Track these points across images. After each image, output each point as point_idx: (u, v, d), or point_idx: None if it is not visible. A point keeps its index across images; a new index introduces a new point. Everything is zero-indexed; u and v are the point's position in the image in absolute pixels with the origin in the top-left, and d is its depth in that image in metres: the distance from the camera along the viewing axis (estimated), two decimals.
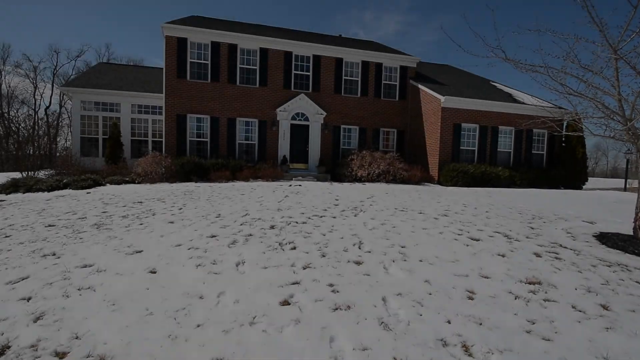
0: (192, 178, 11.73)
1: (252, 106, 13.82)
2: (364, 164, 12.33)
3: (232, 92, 13.63)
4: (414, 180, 11.96)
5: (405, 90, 15.52)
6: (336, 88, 14.71)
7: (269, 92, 13.98)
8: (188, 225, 5.11)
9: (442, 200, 7.81)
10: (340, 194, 8.23)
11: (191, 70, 13.34)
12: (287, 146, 14.11)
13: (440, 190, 10.12)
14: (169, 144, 13.14)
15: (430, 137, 13.66)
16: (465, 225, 5.23)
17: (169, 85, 13.09)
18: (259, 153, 13.89)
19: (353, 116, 14.91)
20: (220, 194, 8.13)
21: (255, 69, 13.91)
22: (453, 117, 13.17)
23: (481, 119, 13.58)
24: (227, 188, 9.42)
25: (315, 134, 14.36)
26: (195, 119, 13.44)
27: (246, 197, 7.66)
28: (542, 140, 14.74)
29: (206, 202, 6.99)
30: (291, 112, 14.10)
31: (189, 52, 13.26)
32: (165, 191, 9.10)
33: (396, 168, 12.03)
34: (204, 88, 13.38)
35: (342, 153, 14.76)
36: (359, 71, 15.00)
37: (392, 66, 15.39)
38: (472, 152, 13.61)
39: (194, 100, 13.30)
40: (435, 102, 13.39)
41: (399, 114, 15.49)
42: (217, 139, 13.50)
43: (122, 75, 16.73)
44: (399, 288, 3.00)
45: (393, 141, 15.62)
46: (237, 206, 6.51)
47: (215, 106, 13.48)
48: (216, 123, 13.49)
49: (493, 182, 12.56)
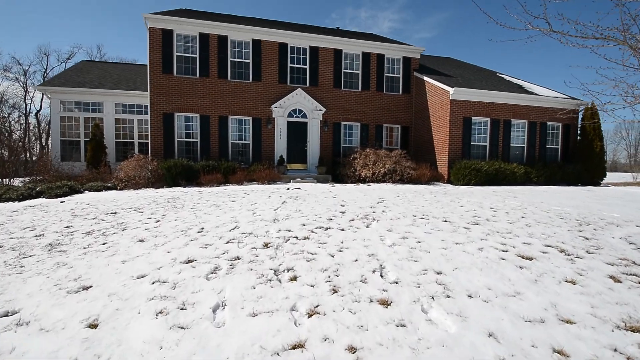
0: (180, 182, 10.69)
1: (246, 103, 12.78)
2: (368, 163, 11.33)
3: (223, 88, 12.58)
4: (423, 180, 10.97)
5: (409, 83, 14.53)
6: (335, 82, 13.69)
7: (263, 87, 12.95)
8: (161, 245, 4.08)
9: (464, 203, 6.81)
10: (346, 198, 7.22)
11: (178, 65, 12.28)
12: (283, 145, 13.08)
13: (455, 191, 9.13)
14: (155, 146, 12.08)
15: (438, 133, 12.68)
16: (506, 237, 4.23)
17: (154, 82, 12.02)
18: (253, 153, 12.85)
19: (354, 112, 13.90)
20: (209, 201, 7.10)
21: (248, 63, 12.87)
22: (463, 110, 12.20)
23: (492, 112, 12.61)
24: (218, 193, 8.39)
25: (314, 132, 13.34)
26: (183, 118, 12.38)
27: (237, 204, 6.64)
28: (557, 134, 13.79)
29: (190, 213, 5.96)
30: (287, 108, 13.07)
31: (175, 45, 12.19)
32: (147, 198, 8.07)
33: (403, 167, 11.04)
34: (192, 84, 12.32)
35: (343, 152, 13.76)
36: (360, 63, 13.99)
37: (394, 57, 14.39)
38: (484, 148, 12.64)
39: (182, 98, 12.24)
40: (443, 94, 12.40)
41: (403, 109, 14.50)
42: (208, 139, 12.45)
43: (106, 73, 15.63)
44: (454, 352, 1.99)
45: (397, 138, 14.63)
46: (226, 216, 5.49)
47: (205, 103, 12.43)
48: (206, 122, 12.44)
49: (508, 180, 11.59)
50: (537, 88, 15.47)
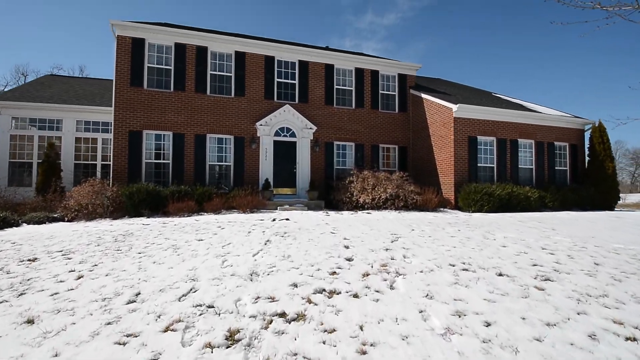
0: (143, 212, 8.89)
1: (227, 120, 11.33)
2: (366, 187, 9.89)
3: (201, 103, 11.13)
4: (430, 207, 9.56)
5: (405, 101, 13.51)
6: (327, 99, 12.50)
7: (247, 103, 11.58)
8: (51, 336, 2.38)
9: (500, 239, 5.35)
10: (348, 234, 5.65)
11: (149, 77, 10.81)
12: (270, 167, 11.56)
13: (475, 221, 7.72)
14: (118, 168, 10.33)
15: (441, 153, 11.48)
16: (610, 307, 2.74)
17: (119, 95, 10.46)
18: (235, 177, 11.24)
19: (348, 130, 12.64)
20: (168, 240, 5.39)
21: (230, 77, 11.55)
22: (467, 128, 11.11)
23: (498, 131, 11.59)
24: (185, 227, 6.67)
25: (304, 152, 11.92)
26: (153, 136, 10.75)
27: (205, 245, 4.96)
28: (564, 154, 12.87)
29: (133, 261, 4.25)
30: (274, 126, 11.68)
31: (147, 56, 10.79)
32: (92, 235, 6.27)
33: (407, 191, 9.64)
34: (165, 98, 10.82)
35: (337, 174, 12.33)
36: (353, 80, 12.92)
37: (389, 74, 13.43)
38: (491, 170, 11.48)
39: (153, 113, 10.68)
40: (445, 112, 11.34)
41: (399, 128, 13.36)
42: (182, 160, 10.80)
43: (70, 88, 13.98)
44: None
45: (394, 159, 13.37)
46: (182, 268, 3.82)
47: (179, 120, 10.89)
48: (180, 141, 10.84)
49: (523, 205, 10.34)
50: (538, 107, 14.76)
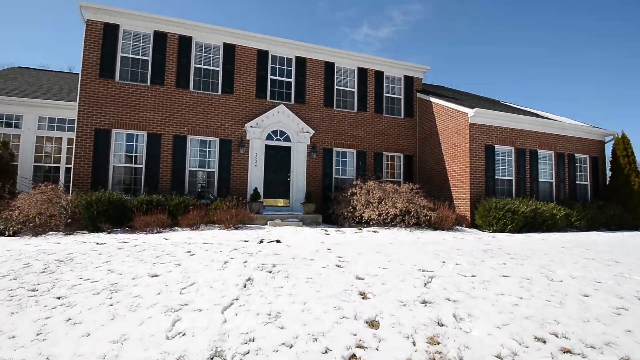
0: (103, 226, 7.31)
1: (212, 120, 9.89)
2: (371, 200, 8.50)
3: (182, 99, 9.70)
4: (446, 225, 8.20)
5: (412, 106, 12.29)
6: (327, 100, 11.19)
7: (236, 101, 10.19)
8: None
9: (566, 279, 3.98)
10: (361, 270, 4.21)
11: (122, 69, 9.36)
12: (260, 175, 10.11)
13: (508, 245, 6.33)
14: (81, 172, 8.76)
15: (454, 163, 10.21)
16: None
17: (86, 88, 8.98)
18: (219, 185, 9.75)
19: (349, 136, 11.32)
20: (111, 274, 3.87)
21: (217, 71, 10.17)
22: (484, 136, 9.88)
23: (517, 140, 10.39)
24: (144, 252, 5.15)
25: (300, 159, 10.52)
26: (124, 137, 9.23)
27: (157, 285, 3.46)
28: (585, 167, 11.75)
29: (36, 317, 2.75)
30: (266, 128, 10.28)
31: (121, 44, 9.36)
32: (22, 259, 4.70)
33: (419, 206, 8.27)
34: (140, 93, 9.36)
35: (336, 185, 10.95)
36: (355, 80, 11.67)
37: (394, 76, 12.24)
38: (509, 183, 10.23)
39: (125, 110, 9.19)
40: (460, 117, 10.11)
41: (405, 135, 12.10)
42: (157, 164, 9.29)
43: (36, 81, 12.41)
44: None
45: (399, 168, 12.06)
46: (101, 339, 2.33)
47: (156, 118, 9.42)
48: (156, 142, 9.35)
49: (548, 225, 9.06)
50: (553, 116, 13.73)
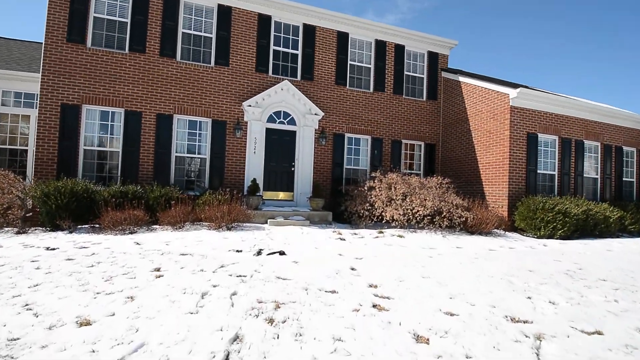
0: (63, 224, 5.86)
1: (203, 96, 8.34)
2: (394, 197, 7.02)
3: (167, 71, 8.12)
4: (485, 228, 6.74)
5: (435, 86, 10.68)
6: (338, 77, 9.59)
7: (232, 75, 8.60)
8: None
9: None
10: (414, 319, 2.77)
11: (96, 32, 7.75)
12: (259, 164, 8.61)
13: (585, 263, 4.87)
14: (44, 157, 7.29)
15: (488, 154, 8.70)
16: None
17: (50, 55, 7.40)
18: (211, 175, 8.28)
19: (363, 120, 9.77)
20: (24, 313, 2.43)
21: (210, 38, 8.55)
22: (527, 123, 8.33)
23: (562, 128, 8.85)
24: (97, 266, 3.70)
25: (306, 146, 9.01)
26: (97, 114, 7.70)
27: (84, 342, 2.02)
28: (632, 162, 10.24)
29: None
30: (268, 109, 8.73)
31: (94, 2, 7.72)
32: None
33: (451, 205, 6.80)
34: (117, 62, 7.78)
35: (347, 177, 9.47)
36: (372, 55, 10.04)
37: (417, 51, 10.58)
38: (551, 179, 8.74)
39: (98, 82, 7.63)
40: (498, 100, 8.54)
41: (427, 120, 10.54)
42: (137, 149, 7.78)
43: (5, 51, 10.77)
44: None
45: (419, 159, 10.55)
46: None
47: (136, 93, 7.86)
48: (136, 122, 7.82)
49: (601, 230, 7.62)
50: (591, 102, 12.12)
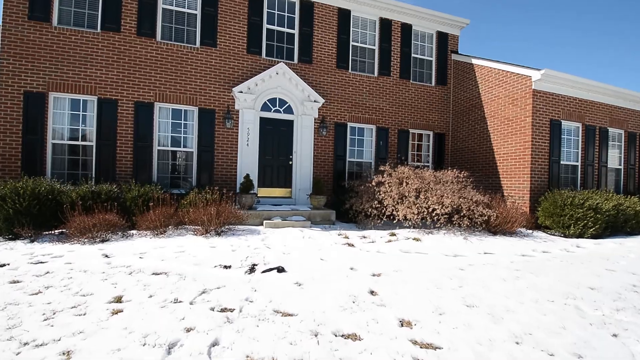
0: (24, 231, 4.99)
1: (188, 82, 7.39)
2: (406, 193, 6.21)
3: (146, 53, 7.14)
4: (509, 228, 5.97)
5: (445, 70, 9.79)
6: (340, 59, 8.66)
7: (221, 57, 7.65)
8: None
9: None
10: None
11: (62, 8, 6.73)
12: (253, 158, 7.74)
13: None
14: (5, 153, 6.35)
15: (506, 144, 7.90)
16: None
17: (10, 35, 6.39)
18: (199, 170, 7.40)
19: (367, 108, 8.89)
20: None
21: (195, 15, 7.55)
22: (550, 109, 7.52)
23: (586, 115, 8.05)
24: (48, 290, 2.86)
25: (305, 137, 8.14)
26: (67, 103, 6.75)
27: None
28: None
29: None
30: (261, 95, 7.81)
31: None
32: None
33: (471, 202, 6.01)
34: (88, 43, 6.78)
35: (350, 170, 8.64)
36: (376, 35, 9.10)
37: (425, 31, 9.65)
38: (573, 170, 7.99)
39: (66, 66, 6.65)
40: (518, 83, 7.70)
41: (436, 108, 9.69)
42: (113, 142, 6.86)
43: None
44: None
45: (427, 150, 9.74)
46: None
47: (111, 78, 6.89)
48: (111, 111, 6.88)
49: (631, 225, 6.91)
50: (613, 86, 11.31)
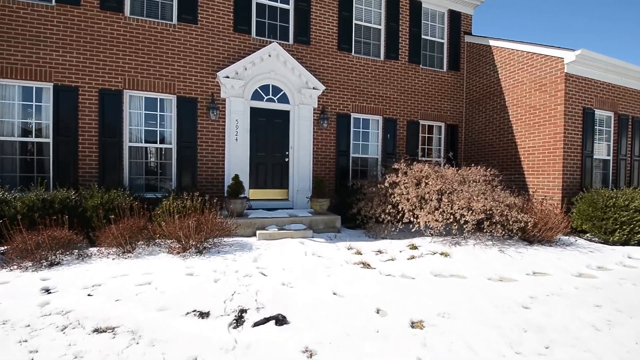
0: None
1: (164, 65, 6.25)
2: (425, 195, 5.25)
3: (113, 30, 5.97)
4: (549, 237, 5.07)
5: (458, 54, 8.78)
6: (342, 40, 7.58)
7: (203, 36, 6.51)
8: None
9: None
10: None
11: None
12: (243, 155, 6.68)
13: None
14: None
15: (532, 136, 6.97)
16: None
17: None
18: (180, 170, 6.32)
19: (373, 96, 7.86)
20: None
21: None
22: (583, 96, 6.59)
23: (619, 103, 7.16)
24: None
25: (303, 130, 7.09)
26: (16, 92, 5.58)
27: None
28: None
29: None
30: (252, 82, 6.72)
31: None
32: None
33: (502, 206, 5.07)
34: (39, 19, 5.59)
35: (354, 167, 7.65)
36: (382, 12, 8.02)
37: (435, 10, 8.60)
38: (605, 165, 7.12)
39: (14, 47, 5.46)
40: (546, 66, 6.73)
41: (448, 96, 8.70)
42: (74, 138, 5.73)
43: None
44: None
45: (438, 143, 8.79)
46: None
47: (69, 61, 5.73)
48: (71, 101, 5.73)
49: None
50: None
